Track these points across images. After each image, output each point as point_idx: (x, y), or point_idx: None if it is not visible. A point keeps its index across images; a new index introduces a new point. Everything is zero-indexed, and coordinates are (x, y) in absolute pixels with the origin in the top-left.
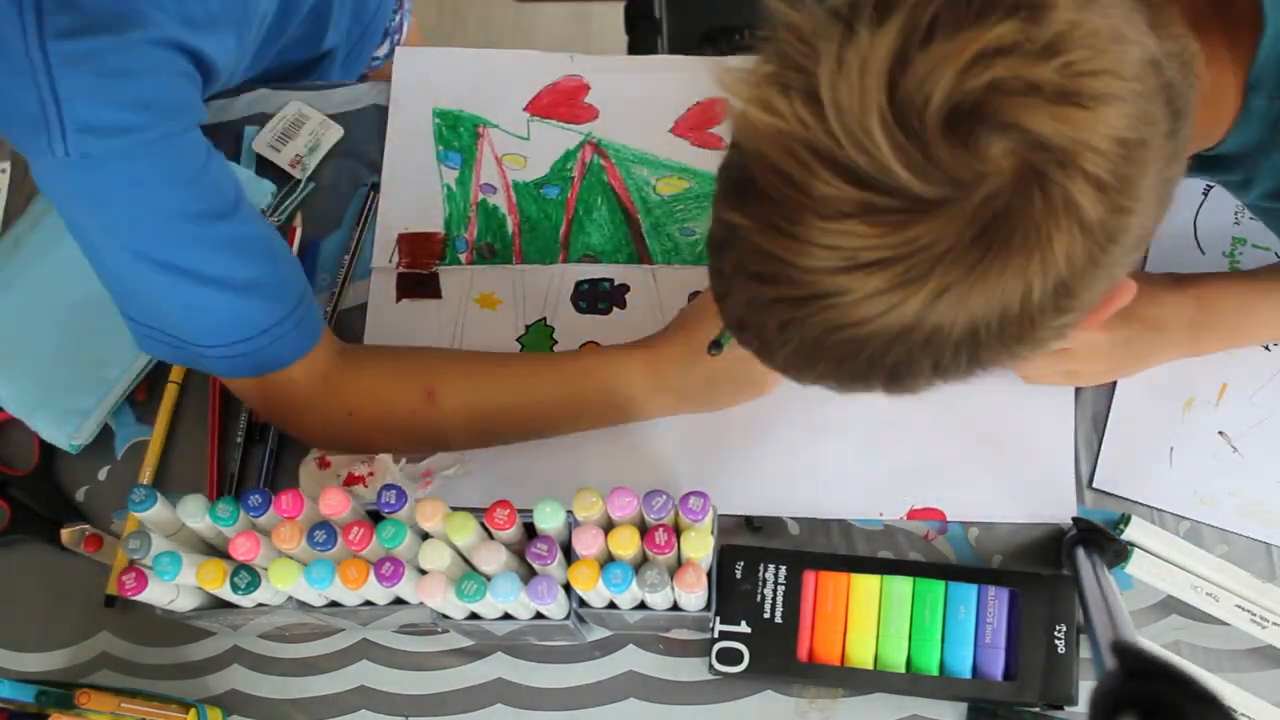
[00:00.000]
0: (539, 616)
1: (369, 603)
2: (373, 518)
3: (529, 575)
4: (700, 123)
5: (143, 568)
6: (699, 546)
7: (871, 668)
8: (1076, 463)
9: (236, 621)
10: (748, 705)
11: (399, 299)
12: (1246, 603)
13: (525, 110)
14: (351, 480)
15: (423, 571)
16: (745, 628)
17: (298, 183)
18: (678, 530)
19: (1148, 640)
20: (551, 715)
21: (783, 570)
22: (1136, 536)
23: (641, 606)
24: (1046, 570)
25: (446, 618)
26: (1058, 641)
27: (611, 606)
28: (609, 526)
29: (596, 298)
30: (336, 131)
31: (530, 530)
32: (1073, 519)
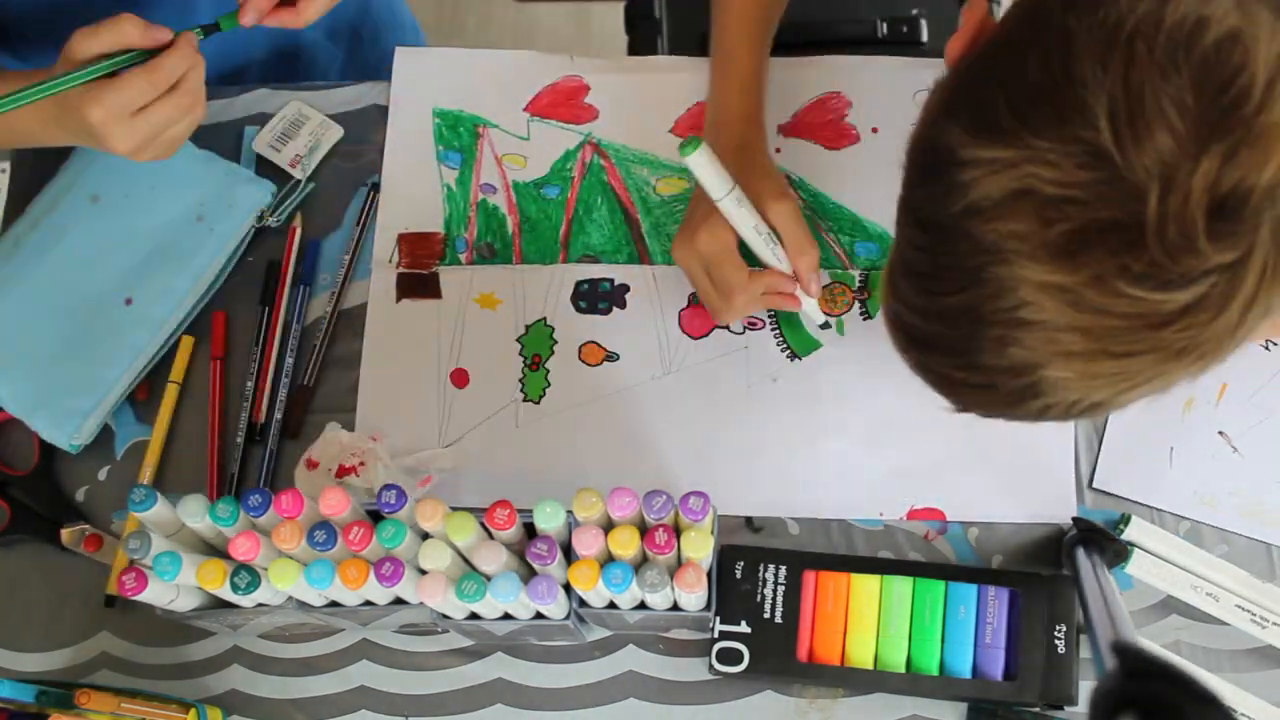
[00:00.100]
0: (539, 616)
1: (369, 603)
2: (373, 518)
3: (529, 575)
4: (700, 123)
5: (143, 568)
6: (699, 546)
7: (871, 668)
8: (1076, 463)
9: (236, 621)
10: (748, 705)
11: (399, 299)
12: (1246, 603)
13: (525, 110)
14: (343, 472)
15: (423, 571)
16: (745, 628)
17: (298, 183)
18: (678, 530)
19: (1148, 640)
20: (551, 715)
21: (783, 570)
22: (1136, 536)
23: (641, 606)
24: (1046, 570)
25: (446, 618)
26: (1058, 641)
27: (611, 606)
28: (609, 526)
29: (596, 298)
30: (336, 131)
31: (530, 530)
32: (1073, 519)
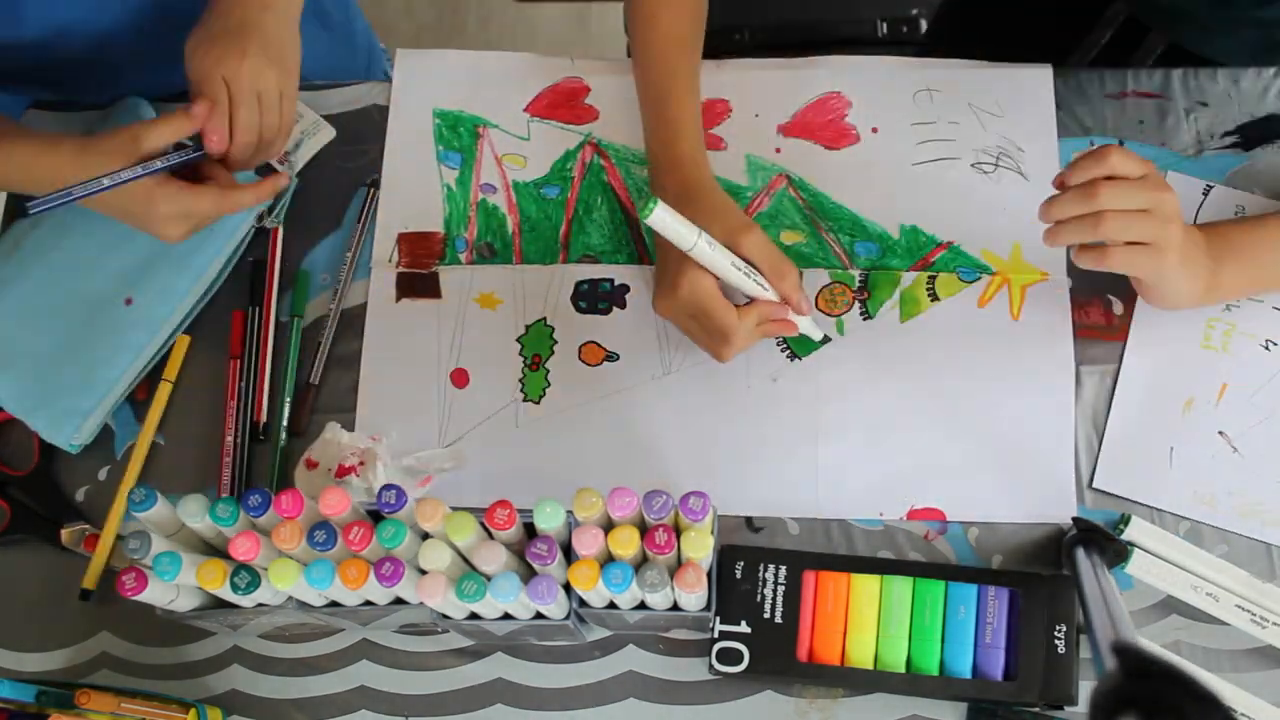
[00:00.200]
0: (539, 616)
1: (369, 603)
2: (373, 518)
3: (529, 575)
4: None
5: (143, 568)
6: (699, 546)
7: (871, 668)
8: (1076, 463)
9: (236, 621)
10: (748, 705)
11: (399, 299)
12: (1246, 603)
13: (525, 111)
14: (343, 472)
15: (423, 571)
16: (745, 628)
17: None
18: (678, 530)
19: (1148, 640)
20: (551, 715)
21: (783, 570)
22: (1136, 536)
23: (641, 606)
24: (1046, 570)
25: (446, 618)
26: (1058, 641)
27: (611, 606)
28: (609, 526)
29: (596, 298)
30: (329, 131)
31: (530, 530)
32: (1073, 519)
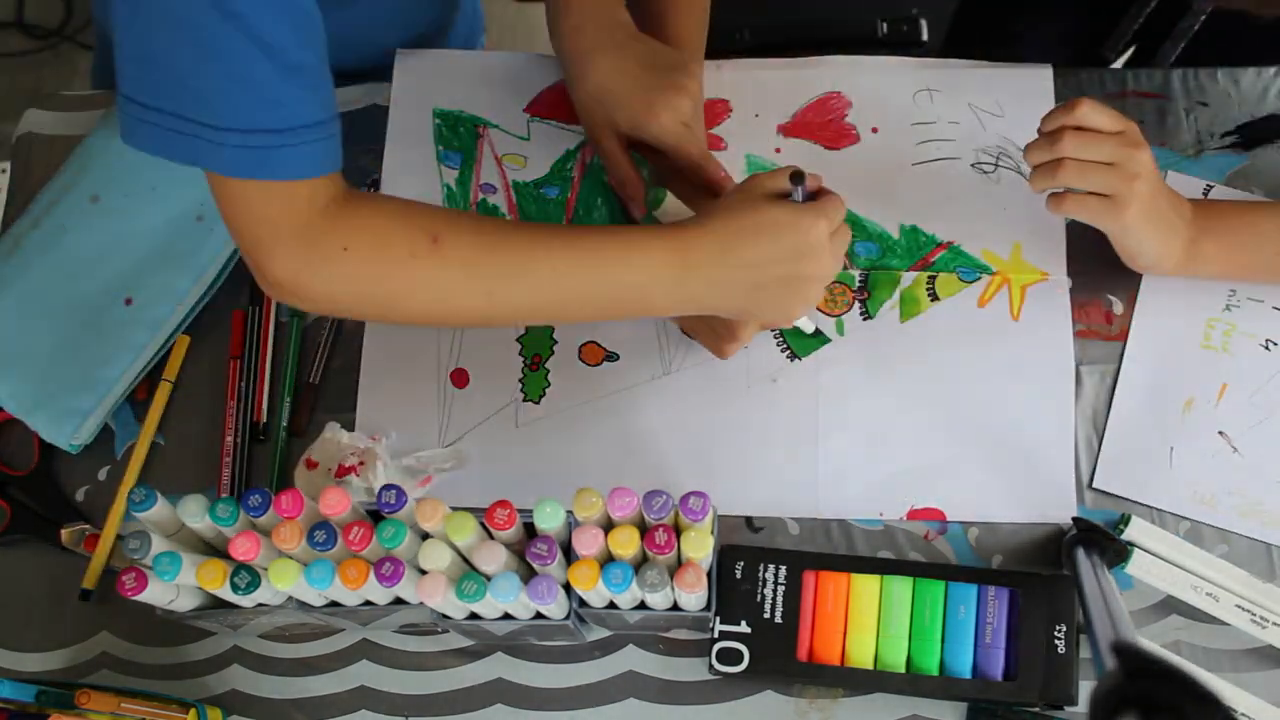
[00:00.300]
0: (539, 616)
1: (369, 603)
2: (373, 518)
3: (529, 575)
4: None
5: (143, 568)
6: (699, 546)
7: (871, 668)
8: (1076, 463)
9: (236, 621)
10: (748, 705)
11: None
12: (1246, 603)
13: (525, 111)
14: (343, 472)
15: (423, 571)
16: (745, 628)
17: None
18: (678, 530)
19: (1148, 640)
20: (551, 715)
21: (783, 570)
22: (1136, 536)
23: (641, 606)
24: (1046, 570)
25: (446, 618)
26: (1058, 641)
27: (611, 606)
28: (609, 526)
29: None
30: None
31: (530, 530)
32: (1073, 519)
